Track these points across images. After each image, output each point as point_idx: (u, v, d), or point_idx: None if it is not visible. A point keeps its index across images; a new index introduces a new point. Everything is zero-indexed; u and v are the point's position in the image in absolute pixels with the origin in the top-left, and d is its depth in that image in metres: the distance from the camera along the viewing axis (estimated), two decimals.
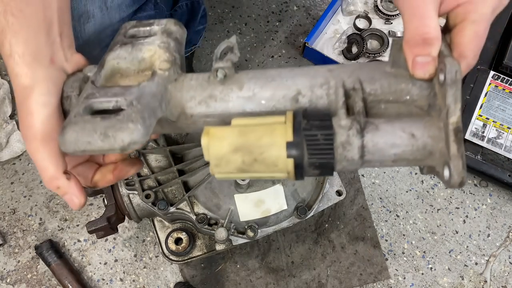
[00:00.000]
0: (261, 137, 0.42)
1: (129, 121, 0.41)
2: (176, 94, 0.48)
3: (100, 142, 0.41)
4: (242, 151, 0.42)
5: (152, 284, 1.13)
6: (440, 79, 0.41)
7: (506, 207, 1.25)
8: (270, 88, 0.47)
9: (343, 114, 0.43)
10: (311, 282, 1.15)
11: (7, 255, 1.14)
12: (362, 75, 0.46)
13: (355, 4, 1.37)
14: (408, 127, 0.42)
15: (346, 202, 1.21)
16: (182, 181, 0.93)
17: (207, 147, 0.43)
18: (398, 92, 0.45)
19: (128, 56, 0.49)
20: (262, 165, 0.42)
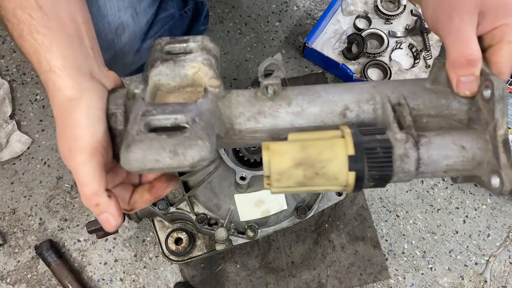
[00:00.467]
0: (322, 151, 0.43)
1: (197, 138, 0.41)
2: (225, 110, 0.49)
3: (169, 160, 0.41)
4: (304, 165, 0.43)
5: (152, 284, 1.13)
6: (484, 96, 0.44)
7: (506, 207, 1.25)
8: (318, 103, 0.49)
9: (396, 128, 0.45)
10: (311, 282, 1.15)
11: (7, 255, 1.14)
12: (404, 91, 0.48)
13: (355, 4, 1.37)
14: (458, 140, 0.45)
15: (346, 202, 1.21)
16: (182, 181, 0.93)
17: (269, 163, 0.43)
18: (439, 107, 0.48)
19: (171, 73, 0.49)
20: (323, 179, 0.43)
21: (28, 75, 1.30)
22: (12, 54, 1.31)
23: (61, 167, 1.21)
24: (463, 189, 1.26)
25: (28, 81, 1.29)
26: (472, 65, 0.45)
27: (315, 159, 0.43)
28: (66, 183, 1.20)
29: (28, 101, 1.27)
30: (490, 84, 0.42)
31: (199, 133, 0.42)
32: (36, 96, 1.27)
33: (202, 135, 0.42)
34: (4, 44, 1.32)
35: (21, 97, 1.27)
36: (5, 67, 1.29)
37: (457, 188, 1.26)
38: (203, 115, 0.44)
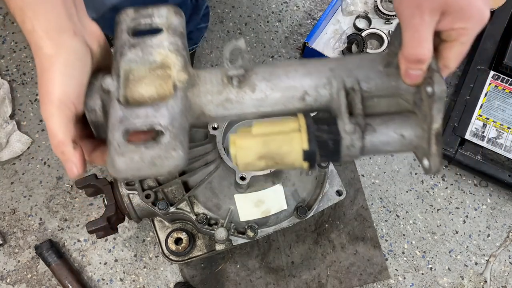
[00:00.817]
0: (281, 146, 0.50)
1: (171, 149, 0.47)
2: (195, 99, 0.53)
3: (149, 170, 0.47)
4: (265, 158, 0.51)
5: (152, 284, 1.13)
6: (427, 91, 0.48)
7: (506, 207, 1.25)
8: (279, 89, 0.53)
9: (347, 118, 0.50)
10: (311, 282, 1.15)
11: (7, 255, 1.14)
12: (360, 74, 0.53)
13: (355, 4, 1.37)
14: (399, 129, 0.52)
15: (346, 202, 1.21)
16: (182, 181, 0.93)
17: (235, 156, 0.51)
18: (389, 89, 0.53)
19: (140, 60, 0.52)
20: (282, 166, 0.52)
21: (28, 75, 1.30)
22: (12, 54, 1.31)
23: (61, 167, 1.21)
24: (463, 189, 1.26)
25: (28, 81, 1.29)
26: (422, 63, 0.49)
27: (275, 153, 0.51)
28: (66, 183, 1.20)
29: (28, 101, 1.27)
30: (432, 83, 0.47)
31: (172, 143, 0.47)
32: (36, 96, 1.27)
33: (175, 145, 0.47)
34: (4, 44, 1.32)
35: (21, 97, 1.27)
36: (5, 67, 1.29)
37: (457, 188, 1.26)
38: (175, 120, 0.49)
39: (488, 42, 1.31)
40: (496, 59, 1.29)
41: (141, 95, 0.52)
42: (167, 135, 0.47)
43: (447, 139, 1.22)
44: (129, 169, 0.47)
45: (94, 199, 1.19)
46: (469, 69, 1.28)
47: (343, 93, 0.52)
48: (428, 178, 1.27)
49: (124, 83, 0.52)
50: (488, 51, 1.30)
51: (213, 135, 0.86)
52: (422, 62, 0.49)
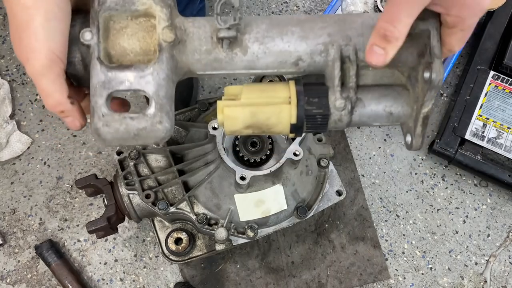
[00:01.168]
0: (270, 117, 0.50)
1: (157, 122, 0.46)
2: (182, 57, 0.50)
3: (134, 141, 0.47)
4: (252, 127, 0.51)
5: (152, 284, 1.13)
6: (425, 76, 0.47)
7: (506, 207, 1.25)
8: (272, 54, 0.51)
9: (338, 93, 0.49)
10: (311, 282, 1.15)
11: (7, 255, 1.14)
12: (358, 43, 0.51)
13: (355, 4, 1.37)
14: (389, 107, 0.52)
15: (346, 202, 1.21)
16: (182, 181, 0.93)
17: (222, 123, 0.51)
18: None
19: (120, 8, 0.49)
20: (267, 133, 0.52)
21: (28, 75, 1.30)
22: (12, 54, 1.31)
23: (61, 167, 1.21)
24: (463, 189, 1.26)
25: (28, 81, 1.29)
26: (387, 41, 0.47)
27: (263, 123, 0.51)
28: (66, 183, 1.20)
29: (28, 101, 1.27)
30: (431, 70, 0.46)
31: (158, 115, 0.46)
32: (36, 96, 1.27)
33: (161, 117, 0.46)
34: (4, 44, 1.32)
35: (21, 97, 1.27)
36: (5, 67, 1.29)
37: (457, 188, 1.26)
38: (161, 88, 0.47)
39: (488, 42, 1.31)
40: (496, 59, 1.29)
41: (123, 48, 0.49)
42: (153, 106, 0.46)
43: (447, 139, 1.22)
44: (114, 139, 0.47)
45: (94, 199, 1.19)
46: (469, 69, 1.28)
47: (338, 64, 0.50)
48: (428, 178, 1.27)
49: (104, 34, 0.49)
50: (488, 51, 1.30)
51: (213, 135, 0.86)
52: (388, 41, 0.47)
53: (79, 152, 1.23)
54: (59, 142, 1.23)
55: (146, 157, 0.95)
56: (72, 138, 1.24)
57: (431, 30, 0.48)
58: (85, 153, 1.23)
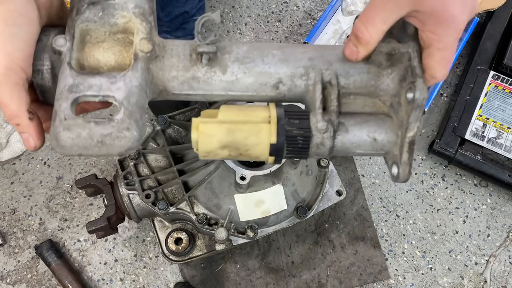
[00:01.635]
0: (248, 137, 0.47)
1: (124, 129, 0.42)
2: (158, 73, 0.48)
3: (97, 149, 0.42)
4: (229, 147, 0.47)
5: (152, 284, 1.13)
6: (408, 97, 0.45)
7: (506, 207, 1.25)
8: (252, 74, 0.49)
9: (320, 115, 0.47)
10: (311, 282, 1.15)
11: (7, 255, 1.14)
12: (339, 68, 0.50)
13: (355, 4, 1.37)
14: (372, 132, 0.49)
15: (346, 202, 1.21)
16: (182, 181, 0.93)
17: (197, 142, 0.47)
18: (367, 87, 0.50)
19: (99, 20, 0.47)
20: (246, 157, 0.48)
21: None
22: None
23: (61, 167, 1.21)
24: (463, 189, 1.26)
25: None
26: (358, 42, 0.47)
27: (240, 143, 0.47)
28: (66, 183, 1.20)
29: None
30: (414, 89, 0.45)
31: (126, 122, 0.42)
32: None
33: (129, 125, 0.42)
34: None
35: None
36: None
37: (457, 188, 1.26)
38: (132, 95, 0.44)
39: (488, 42, 1.31)
40: (496, 59, 1.29)
41: (97, 61, 0.47)
42: (121, 112, 0.43)
43: (447, 139, 1.22)
44: (74, 145, 0.42)
45: (94, 199, 1.19)
46: (469, 69, 1.28)
47: (319, 87, 0.48)
48: (428, 178, 1.27)
49: (78, 45, 0.46)
50: (488, 51, 1.30)
51: None
52: (359, 41, 0.47)
53: None
54: None
55: (146, 157, 0.95)
56: None
57: (411, 52, 0.47)
58: None
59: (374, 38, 0.47)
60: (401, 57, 0.48)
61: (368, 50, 0.48)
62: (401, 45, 0.48)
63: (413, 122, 0.45)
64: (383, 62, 0.50)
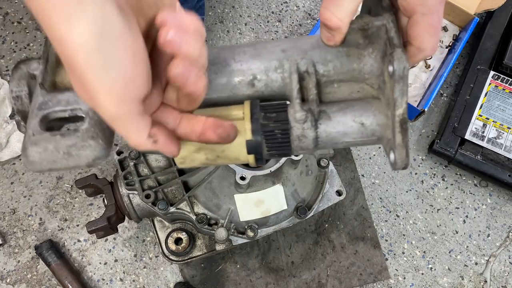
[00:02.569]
0: None
1: (89, 138, 0.42)
2: None
3: (65, 161, 0.42)
4: (205, 150, 0.45)
5: (152, 284, 1.13)
6: (389, 70, 0.41)
7: (506, 207, 1.25)
8: (225, 74, 0.47)
9: (298, 105, 0.44)
10: (311, 282, 1.15)
11: (7, 255, 1.14)
12: (315, 56, 0.47)
13: None
14: (358, 116, 0.45)
15: (346, 202, 1.21)
16: (182, 181, 0.93)
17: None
18: (350, 72, 0.46)
19: None
20: (225, 160, 0.46)
21: None
22: (12, 54, 1.31)
23: None
24: (463, 189, 1.26)
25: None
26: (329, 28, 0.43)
27: (215, 145, 0.44)
28: (66, 183, 1.20)
29: None
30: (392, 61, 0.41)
31: (91, 131, 0.42)
32: None
33: (94, 134, 0.42)
34: (4, 44, 1.32)
35: None
36: (5, 67, 1.29)
37: (457, 188, 1.26)
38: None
39: (488, 42, 1.31)
40: (496, 59, 1.29)
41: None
42: (86, 122, 0.42)
43: (447, 139, 1.22)
44: (43, 160, 0.41)
45: (94, 199, 1.19)
46: (469, 69, 1.28)
47: (295, 76, 0.46)
48: (428, 178, 1.27)
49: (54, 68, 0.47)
50: (488, 51, 1.30)
51: None
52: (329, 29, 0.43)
53: None
54: None
55: (146, 157, 0.95)
56: None
57: (387, 24, 0.43)
58: None
59: (345, 22, 0.43)
60: (378, 32, 0.44)
61: (342, 34, 0.44)
62: (375, 18, 0.44)
63: (399, 98, 0.41)
64: (360, 41, 0.46)
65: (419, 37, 0.43)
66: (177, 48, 0.36)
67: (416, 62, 0.47)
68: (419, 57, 0.45)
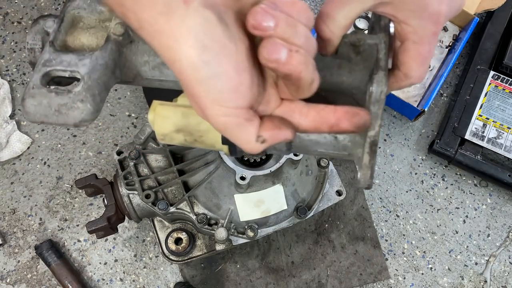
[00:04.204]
0: (201, 122, 0.46)
1: (79, 100, 0.45)
2: (131, 57, 0.50)
3: (55, 118, 0.45)
4: (183, 132, 0.47)
5: (152, 284, 1.13)
6: (370, 90, 0.42)
7: (506, 207, 1.25)
8: None
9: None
10: (311, 282, 1.15)
11: (7, 255, 1.14)
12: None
13: None
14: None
15: (346, 202, 1.21)
16: (182, 181, 0.93)
17: (153, 124, 0.48)
18: (338, 84, 0.46)
19: (88, 7, 0.50)
20: (202, 145, 0.47)
21: (28, 75, 1.30)
22: (12, 54, 1.31)
23: (61, 167, 1.21)
24: (463, 189, 1.26)
25: (28, 81, 1.29)
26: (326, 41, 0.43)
27: (193, 129, 0.46)
28: (66, 183, 1.20)
29: None
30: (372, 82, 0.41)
31: (83, 94, 0.45)
32: None
33: (84, 97, 0.45)
34: (4, 44, 1.32)
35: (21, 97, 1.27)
36: (5, 67, 1.29)
37: (457, 188, 1.26)
38: (95, 72, 0.46)
39: (488, 42, 1.31)
40: (496, 59, 1.29)
41: (82, 43, 0.51)
42: (80, 85, 0.45)
43: (447, 139, 1.22)
44: (37, 113, 0.45)
45: (94, 199, 1.19)
46: (469, 69, 1.28)
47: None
48: (428, 178, 1.27)
49: (67, 28, 0.50)
50: (488, 51, 1.30)
51: None
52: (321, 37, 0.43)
53: (79, 152, 1.23)
54: (59, 142, 1.23)
55: (146, 157, 0.95)
56: (72, 138, 1.24)
57: (379, 44, 0.43)
58: (85, 153, 1.23)
59: (337, 35, 0.43)
60: (371, 50, 0.44)
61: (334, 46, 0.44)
62: (369, 37, 0.44)
63: (373, 120, 0.40)
64: (351, 55, 0.46)
65: (407, 64, 0.43)
66: (263, 28, 0.35)
67: (401, 87, 0.46)
68: (405, 83, 0.45)
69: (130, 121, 1.26)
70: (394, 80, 0.46)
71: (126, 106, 1.28)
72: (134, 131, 1.26)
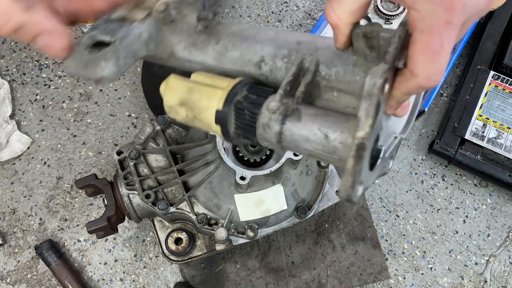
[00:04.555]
0: (201, 99, 0.47)
1: (103, 59, 0.48)
2: (169, 36, 0.53)
3: (82, 71, 0.49)
4: (186, 107, 0.48)
5: (152, 284, 1.13)
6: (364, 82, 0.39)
7: (506, 207, 1.25)
8: (240, 48, 0.50)
9: (278, 95, 0.43)
10: (311, 282, 1.15)
11: (7, 255, 1.14)
12: (323, 55, 0.46)
13: None
14: (326, 127, 0.41)
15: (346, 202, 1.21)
16: (182, 181, 0.93)
17: (163, 94, 0.50)
18: (352, 83, 0.44)
19: None
20: (201, 123, 0.48)
21: (28, 75, 1.30)
22: (12, 54, 1.31)
23: (61, 167, 1.21)
24: (463, 189, 1.26)
25: (28, 81, 1.29)
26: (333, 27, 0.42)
27: (194, 104, 0.47)
28: (66, 183, 1.20)
29: (28, 101, 1.27)
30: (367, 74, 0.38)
31: (108, 54, 0.49)
32: (36, 96, 1.27)
33: (109, 57, 0.48)
34: (4, 44, 1.32)
35: (21, 97, 1.27)
36: (5, 67, 1.29)
37: (457, 188, 1.26)
38: (126, 39, 0.50)
39: (488, 42, 1.31)
40: (496, 59, 1.29)
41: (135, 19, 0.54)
42: (109, 48, 0.49)
43: (447, 139, 1.22)
44: (72, 66, 0.50)
45: (94, 199, 1.19)
46: (469, 69, 1.28)
47: (293, 68, 0.45)
48: (428, 178, 1.27)
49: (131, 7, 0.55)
50: (488, 51, 1.30)
51: (213, 135, 0.86)
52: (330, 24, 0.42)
53: (79, 152, 1.23)
54: (59, 142, 1.23)
55: (146, 157, 0.95)
56: (72, 138, 1.24)
57: (392, 38, 0.40)
58: (85, 153, 1.23)
59: (343, 21, 0.40)
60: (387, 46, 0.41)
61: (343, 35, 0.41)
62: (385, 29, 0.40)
63: (362, 117, 0.35)
64: (366, 50, 0.42)
65: (413, 59, 0.37)
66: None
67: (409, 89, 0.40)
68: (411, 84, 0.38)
69: (130, 121, 1.26)
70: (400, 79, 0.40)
71: (126, 106, 1.28)
72: (134, 131, 1.26)
